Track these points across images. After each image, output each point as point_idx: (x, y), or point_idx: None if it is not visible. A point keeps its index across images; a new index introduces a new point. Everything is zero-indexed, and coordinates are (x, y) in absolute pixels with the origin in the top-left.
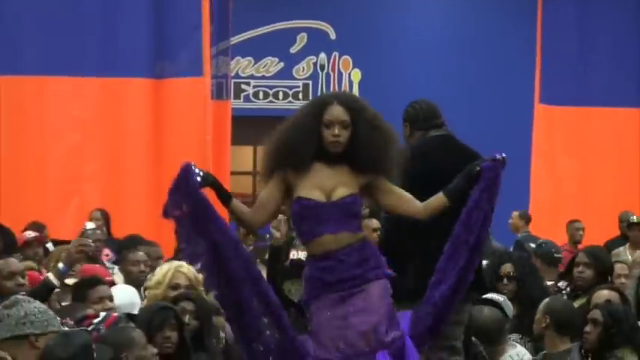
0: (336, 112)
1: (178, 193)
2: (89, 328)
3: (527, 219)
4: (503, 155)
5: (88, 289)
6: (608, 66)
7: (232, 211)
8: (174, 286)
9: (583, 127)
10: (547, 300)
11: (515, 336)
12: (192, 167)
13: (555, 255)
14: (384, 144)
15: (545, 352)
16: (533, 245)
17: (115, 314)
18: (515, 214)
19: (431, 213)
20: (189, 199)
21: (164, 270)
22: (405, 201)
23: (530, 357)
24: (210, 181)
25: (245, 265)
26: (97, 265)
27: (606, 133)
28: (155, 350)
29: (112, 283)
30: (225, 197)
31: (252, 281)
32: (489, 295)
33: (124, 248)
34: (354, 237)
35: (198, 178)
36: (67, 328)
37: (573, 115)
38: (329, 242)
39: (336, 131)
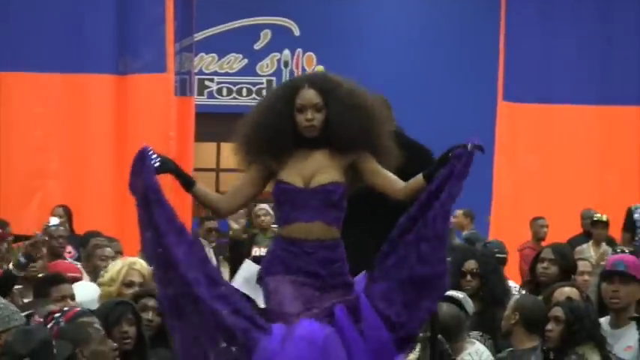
0: (308, 95)
1: (134, 176)
2: (50, 324)
3: (471, 217)
4: (476, 143)
5: (50, 286)
6: (571, 64)
7: (196, 196)
8: (129, 284)
9: (546, 124)
10: (517, 297)
11: (475, 333)
12: (148, 152)
13: (498, 255)
14: (363, 120)
15: (512, 349)
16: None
17: (78, 308)
18: (460, 212)
19: (409, 194)
20: (141, 183)
21: (117, 267)
22: (389, 180)
23: (489, 354)
24: (169, 166)
25: (191, 250)
26: (67, 262)
27: (569, 131)
28: (114, 345)
29: (79, 280)
30: (186, 182)
31: (199, 265)
32: (449, 292)
33: (82, 245)
34: (327, 231)
35: (157, 164)
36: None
37: (536, 113)
38: (299, 230)
39: (309, 115)
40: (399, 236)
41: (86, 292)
